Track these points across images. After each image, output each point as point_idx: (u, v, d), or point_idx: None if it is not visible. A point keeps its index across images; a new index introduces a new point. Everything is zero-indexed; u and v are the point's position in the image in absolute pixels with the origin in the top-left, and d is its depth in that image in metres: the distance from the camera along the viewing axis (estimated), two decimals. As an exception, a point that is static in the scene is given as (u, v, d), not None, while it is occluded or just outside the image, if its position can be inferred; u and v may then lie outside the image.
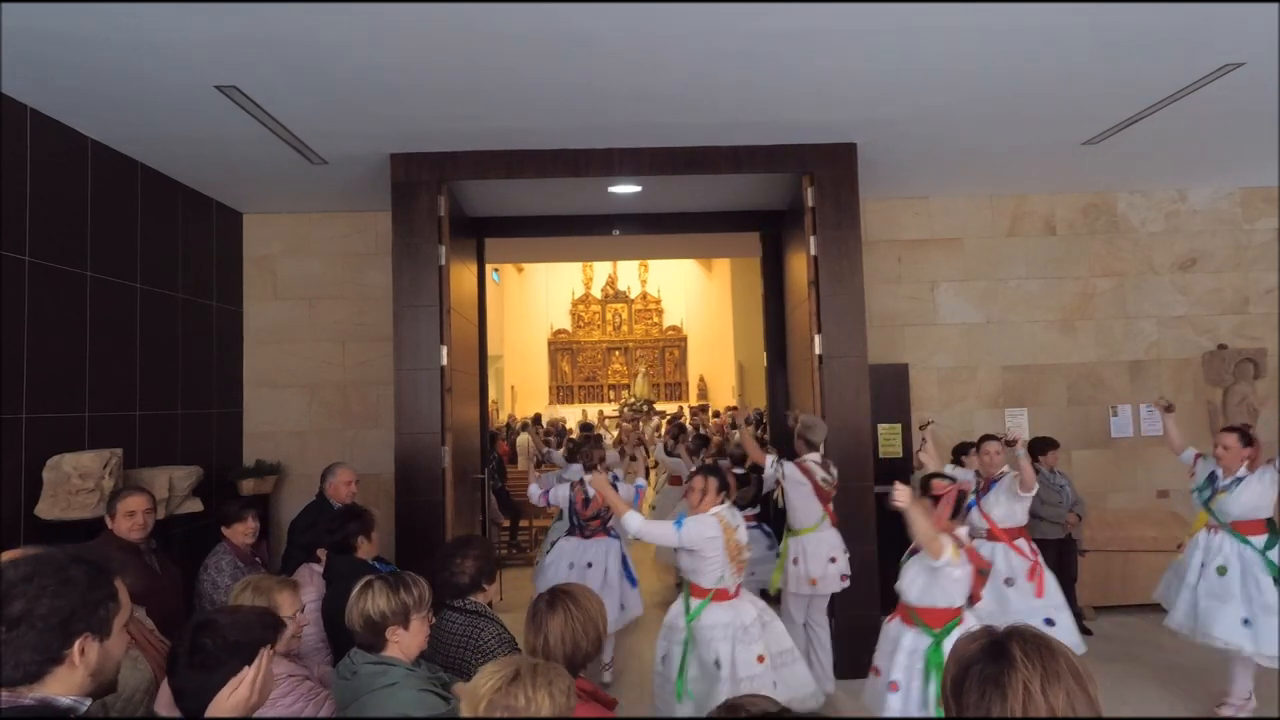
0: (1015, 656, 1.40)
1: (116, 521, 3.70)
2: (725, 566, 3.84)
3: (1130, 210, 6.98)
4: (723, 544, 3.81)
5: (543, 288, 20.19)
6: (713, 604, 3.84)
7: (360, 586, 2.55)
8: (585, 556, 5.29)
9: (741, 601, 3.92)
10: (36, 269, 4.35)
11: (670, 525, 3.90)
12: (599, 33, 3.70)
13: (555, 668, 1.88)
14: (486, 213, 6.76)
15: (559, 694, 1.80)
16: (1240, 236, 6.97)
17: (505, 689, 1.77)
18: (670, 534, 3.86)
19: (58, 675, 1.55)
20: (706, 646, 3.79)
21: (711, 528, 3.82)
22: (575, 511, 5.38)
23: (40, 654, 1.53)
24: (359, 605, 2.51)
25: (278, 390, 6.72)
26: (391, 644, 2.50)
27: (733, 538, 3.84)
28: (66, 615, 1.56)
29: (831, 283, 5.40)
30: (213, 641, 1.84)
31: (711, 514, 3.87)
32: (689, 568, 3.92)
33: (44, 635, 1.53)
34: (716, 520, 3.84)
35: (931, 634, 3.33)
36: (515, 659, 1.90)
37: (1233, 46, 4.03)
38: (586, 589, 2.53)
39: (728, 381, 17.11)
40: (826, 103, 4.67)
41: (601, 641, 2.42)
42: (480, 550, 3.20)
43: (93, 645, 1.60)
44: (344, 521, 3.65)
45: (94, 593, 1.62)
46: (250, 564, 4.22)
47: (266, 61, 3.89)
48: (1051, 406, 6.83)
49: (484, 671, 1.84)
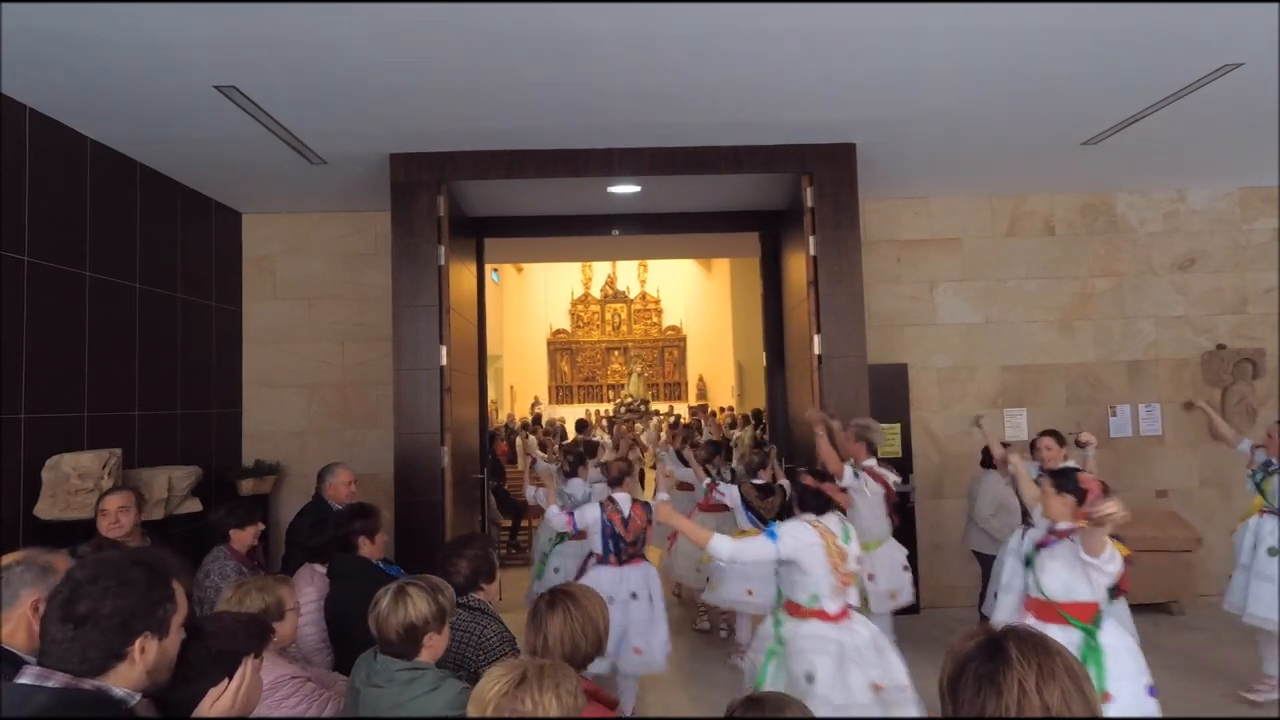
0: (1011, 655, 1.40)
1: (97, 520, 3.81)
2: (826, 580, 3.44)
3: (1129, 210, 6.98)
4: (824, 553, 3.44)
5: (542, 288, 20.21)
6: (815, 621, 3.45)
7: (393, 593, 2.47)
8: (627, 586, 4.60)
9: (853, 622, 3.51)
10: (36, 269, 4.34)
11: (763, 539, 3.50)
12: (599, 33, 3.70)
13: (562, 667, 1.87)
14: (486, 213, 6.76)
15: (566, 695, 1.79)
16: (1239, 236, 6.98)
17: (512, 693, 1.76)
18: (768, 548, 3.46)
19: (119, 671, 1.64)
20: (799, 657, 3.39)
21: (809, 534, 3.47)
22: (614, 536, 4.65)
23: (103, 651, 1.62)
24: (398, 613, 2.43)
25: (277, 390, 6.71)
26: (425, 649, 2.47)
27: (834, 544, 3.47)
28: (128, 615, 1.65)
29: (831, 283, 5.40)
30: (195, 653, 1.83)
31: (806, 519, 3.54)
32: (785, 580, 3.57)
33: (107, 634, 1.63)
34: (812, 527, 3.49)
35: (1082, 627, 3.31)
36: (522, 661, 1.89)
37: (1232, 46, 4.03)
38: (587, 589, 2.51)
39: (727, 381, 17.12)
40: (826, 103, 4.67)
41: (602, 642, 2.40)
42: (477, 550, 3.19)
43: (151, 644, 1.68)
44: (349, 519, 3.64)
45: (153, 593, 1.71)
46: (251, 568, 4.20)
47: (266, 61, 3.88)
48: (1050, 406, 6.83)
49: (490, 675, 1.83)
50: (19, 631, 2.09)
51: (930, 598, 6.33)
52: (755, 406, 11.92)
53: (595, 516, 4.67)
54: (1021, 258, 6.94)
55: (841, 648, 3.36)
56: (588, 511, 4.71)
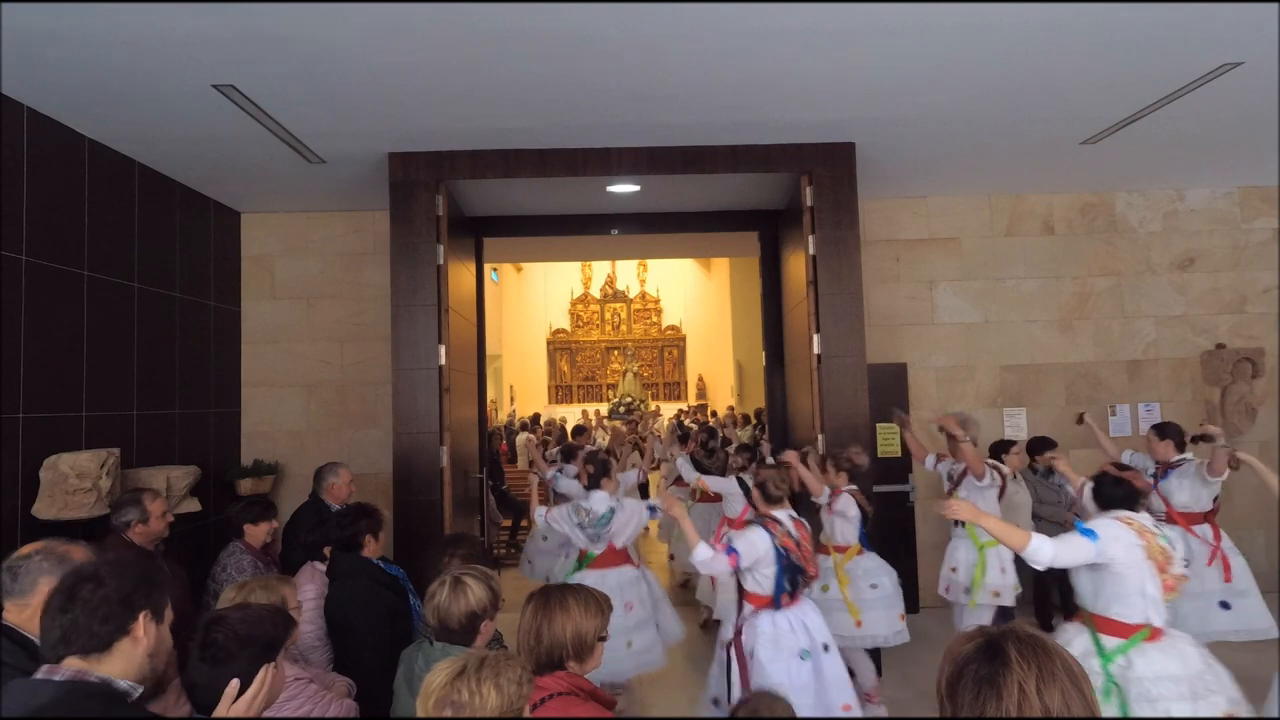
0: (1010, 656, 1.40)
1: (152, 524, 3.90)
2: (1148, 585, 2.94)
3: (1128, 210, 6.98)
4: (1143, 554, 2.94)
5: (541, 287, 20.20)
6: (1146, 646, 2.91)
7: (450, 585, 2.53)
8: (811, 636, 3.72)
9: (1177, 640, 2.99)
10: (34, 268, 4.34)
11: (1078, 538, 3.00)
12: (598, 33, 3.69)
13: (506, 657, 1.83)
14: (485, 212, 6.75)
15: (507, 684, 1.76)
16: (1238, 236, 6.98)
17: (450, 683, 1.74)
18: (1086, 548, 2.96)
19: (123, 648, 1.75)
20: (1149, 705, 2.84)
21: (1123, 530, 2.97)
22: (790, 567, 3.60)
23: (110, 624, 1.74)
24: (459, 603, 2.50)
25: (275, 390, 6.71)
26: (480, 635, 2.53)
27: (1155, 544, 2.96)
28: (129, 591, 1.78)
29: (830, 282, 5.40)
30: (223, 635, 1.87)
31: (1117, 516, 3.07)
32: (1089, 591, 3.04)
33: (114, 608, 1.75)
34: (1123, 524, 3.00)
35: None
36: (468, 653, 1.86)
37: (1231, 46, 4.03)
38: (584, 586, 2.50)
39: (726, 381, 17.11)
40: (825, 102, 4.66)
41: (600, 642, 2.40)
42: (465, 549, 3.21)
43: (151, 625, 1.80)
44: (355, 518, 3.63)
45: (150, 577, 1.86)
46: (266, 563, 4.21)
47: (264, 61, 3.88)
48: (1050, 406, 6.84)
49: (436, 667, 1.81)
50: (37, 618, 2.12)
51: (930, 597, 6.33)
52: (756, 406, 11.90)
53: (767, 546, 3.58)
54: (1021, 257, 6.93)
55: (1188, 685, 2.84)
56: (758, 542, 3.59)
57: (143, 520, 3.90)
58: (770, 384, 7.04)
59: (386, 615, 3.36)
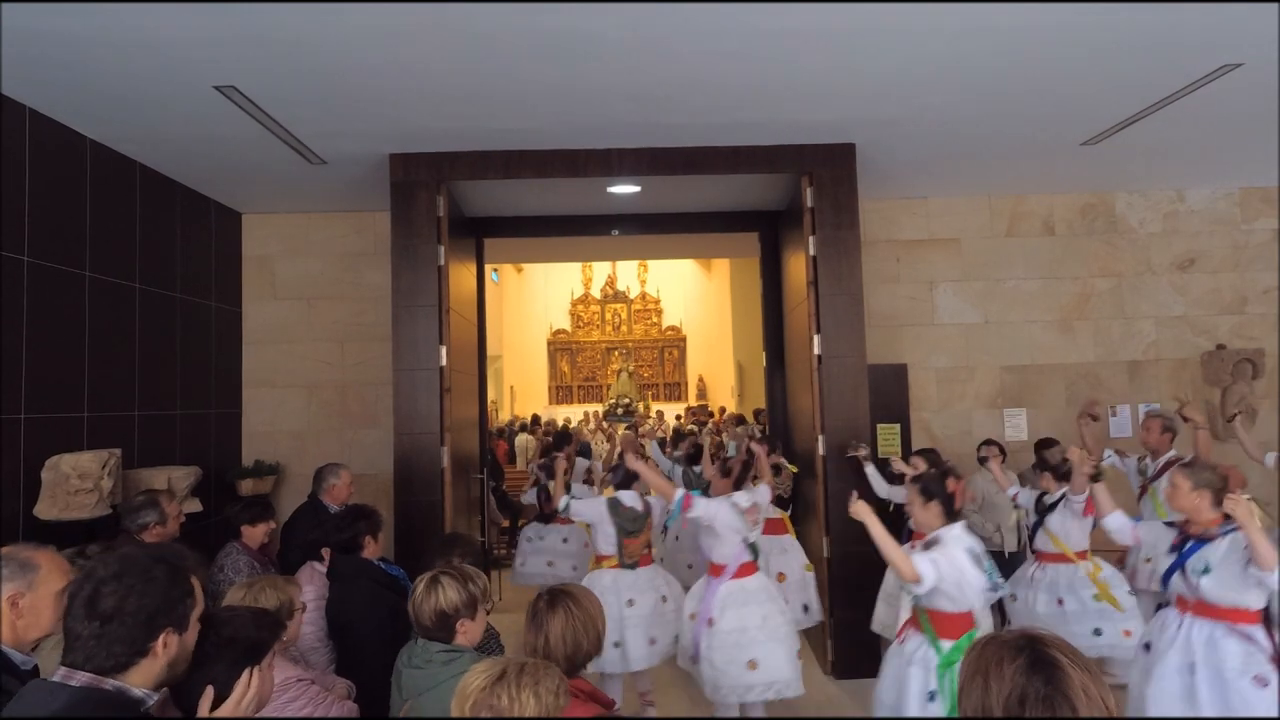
0: (1062, 662, 1.42)
1: (169, 525, 3.94)
2: None
3: (1128, 210, 6.98)
4: None
5: (542, 288, 20.18)
6: None
7: (427, 582, 2.60)
8: None
9: None
10: (35, 269, 4.34)
11: None
12: (598, 33, 3.70)
13: (545, 666, 1.86)
14: (485, 213, 6.76)
15: (546, 693, 1.78)
16: (1238, 236, 6.98)
17: (490, 688, 1.76)
18: None
19: (141, 666, 1.70)
20: None
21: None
22: None
23: (129, 647, 1.68)
24: (430, 600, 2.56)
25: (276, 390, 6.71)
26: (460, 635, 2.58)
27: None
28: (152, 611, 1.70)
29: (830, 283, 5.40)
30: (207, 640, 1.85)
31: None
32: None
33: (132, 630, 1.68)
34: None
35: None
36: (506, 658, 1.88)
37: (1231, 47, 4.03)
38: (586, 589, 2.52)
39: (727, 382, 17.11)
40: (825, 103, 4.67)
41: (601, 641, 2.41)
42: (461, 550, 3.23)
43: (173, 639, 1.73)
44: (353, 520, 3.64)
45: (175, 589, 1.76)
46: (264, 564, 4.22)
47: (265, 61, 3.88)
48: (1050, 407, 6.84)
49: (474, 670, 1.83)
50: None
51: (930, 598, 6.33)
52: (756, 406, 11.91)
53: None
54: (1021, 258, 6.94)
55: None
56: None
57: (161, 522, 3.92)
58: (770, 384, 7.05)
59: (388, 616, 3.36)
